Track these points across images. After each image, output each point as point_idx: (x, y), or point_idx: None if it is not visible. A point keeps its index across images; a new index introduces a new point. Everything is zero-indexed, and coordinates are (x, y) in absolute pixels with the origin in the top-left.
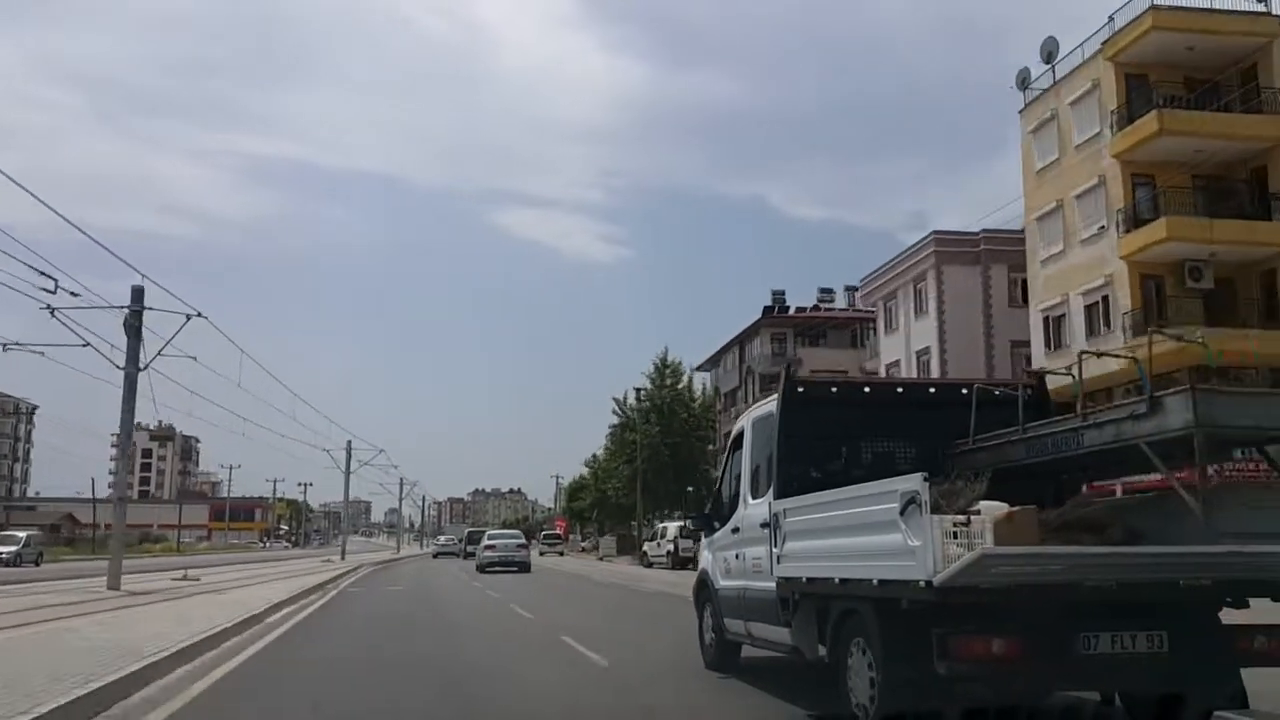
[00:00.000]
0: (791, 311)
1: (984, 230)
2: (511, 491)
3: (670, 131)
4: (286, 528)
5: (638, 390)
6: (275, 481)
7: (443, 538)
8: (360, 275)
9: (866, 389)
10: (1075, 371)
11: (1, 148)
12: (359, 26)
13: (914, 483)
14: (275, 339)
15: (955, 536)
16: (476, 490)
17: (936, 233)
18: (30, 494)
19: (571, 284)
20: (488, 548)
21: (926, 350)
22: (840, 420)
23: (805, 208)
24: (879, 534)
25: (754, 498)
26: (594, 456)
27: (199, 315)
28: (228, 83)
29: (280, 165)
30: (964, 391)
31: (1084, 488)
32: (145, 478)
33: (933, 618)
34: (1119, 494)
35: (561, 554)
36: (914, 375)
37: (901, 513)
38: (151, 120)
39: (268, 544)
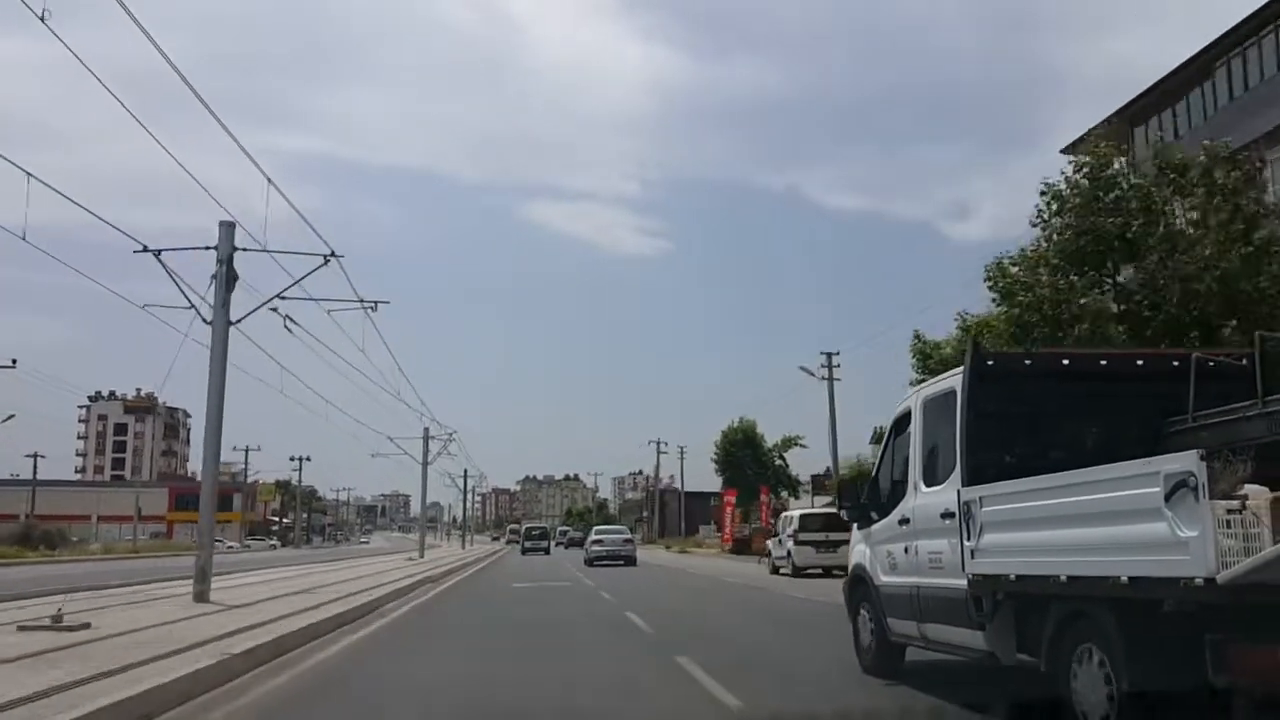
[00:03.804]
0: None
1: None
2: (567, 478)
3: (706, 121)
4: (285, 520)
5: None
6: (248, 450)
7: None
8: (395, 270)
9: (1065, 360)
10: None
11: (50, 149)
12: (392, 22)
13: (1188, 462)
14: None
15: (1228, 525)
16: (526, 478)
17: None
18: None
19: (610, 277)
20: (595, 543)
21: None
22: (1035, 397)
23: (842, 197)
24: (1131, 523)
25: (928, 486)
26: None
27: None
28: (265, 81)
29: (316, 162)
30: (1176, 364)
31: None
32: (119, 459)
33: (1208, 622)
34: None
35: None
36: None
37: (1168, 498)
38: (193, 119)
39: (239, 543)
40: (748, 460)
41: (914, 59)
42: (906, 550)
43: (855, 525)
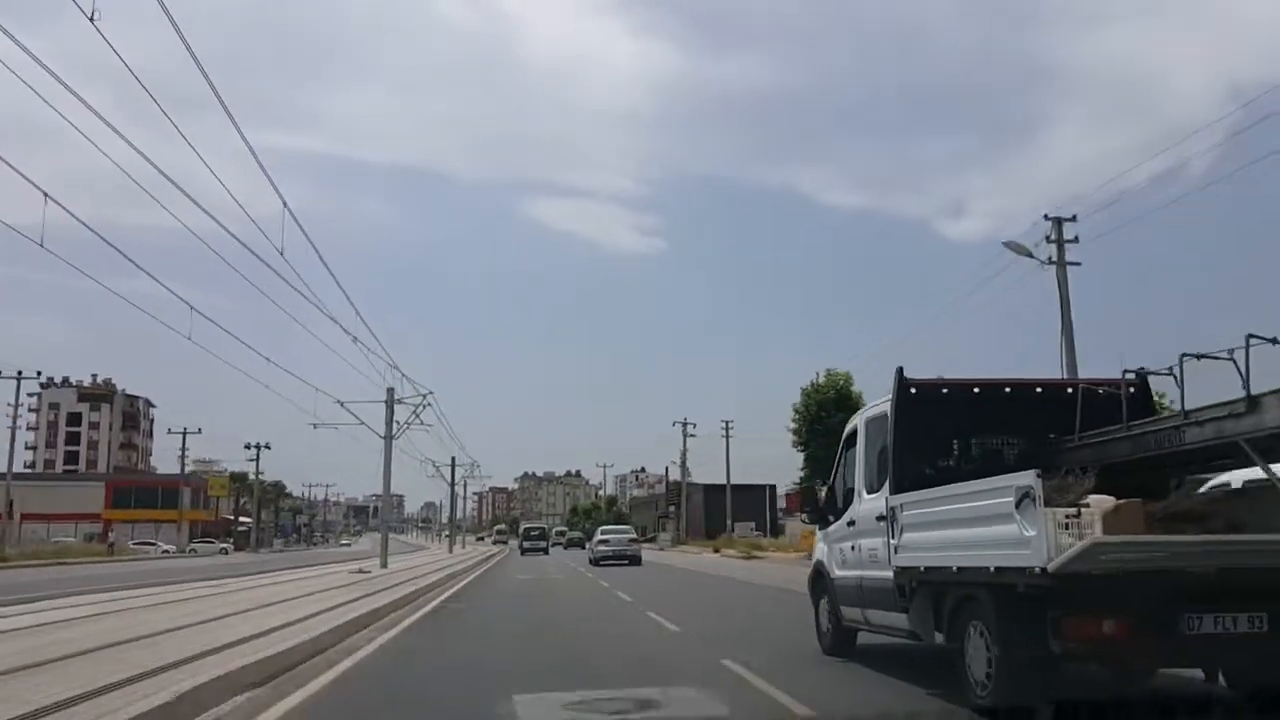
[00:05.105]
0: None
1: None
2: (568, 474)
3: (703, 118)
4: (248, 522)
5: None
6: (185, 433)
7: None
8: (393, 268)
9: (975, 389)
10: (1177, 371)
11: (38, 148)
12: (388, 20)
13: (1028, 478)
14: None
15: (1067, 527)
16: (525, 474)
17: None
18: None
19: (608, 274)
20: (601, 542)
21: None
22: (951, 418)
23: (839, 194)
24: (995, 525)
25: (869, 493)
26: None
27: None
28: (260, 79)
29: (314, 160)
30: (1069, 390)
31: (1183, 482)
32: (72, 451)
33: (1047, 601)
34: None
35: None
36: None
37: (1017, 506)
38: (182, 117)
39: (178, 547)
40: (840, 426)
41: (910, 54)
42: (853, 548)
43: (817, 527)
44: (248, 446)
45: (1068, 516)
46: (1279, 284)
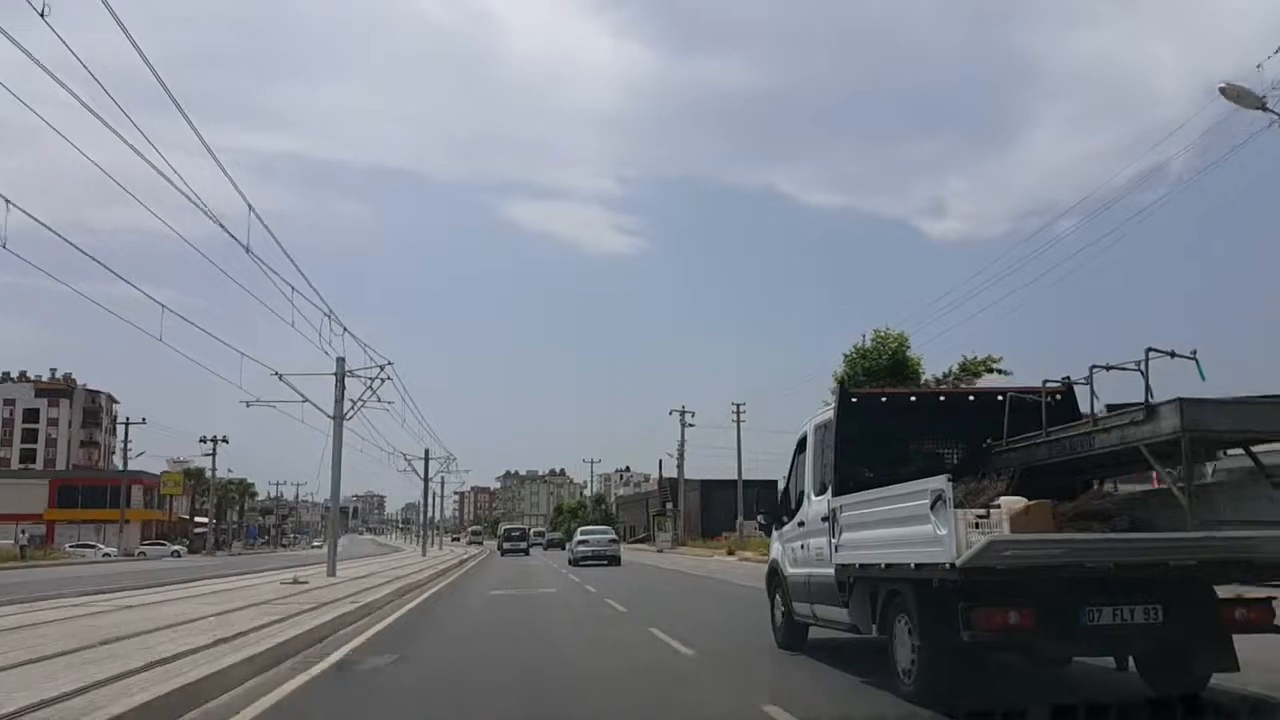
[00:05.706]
0: None
1: None
2: (552, 473)
3: (682, 119)
4: (209, 523)
5: None
6: (128, 423)
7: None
8: (372, 268)
9: (913, 398)
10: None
11: (15, 148)
12: (365, 18)
13: (940, 482)
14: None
15: (977, 526)
16: (508, 473)
17: None
18: None
19: (590, 275)
20: (581, 543)
21: None
22: (890, 426)
23: (819, 194)
24: (915, 525)
25: (816, 495)
26: None
27: None
28: (234, 79)
29: (291, 161)
30: (999, 398)
31: (1098, 483)
32: (29, 450)
33: (958, 594)
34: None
35: None
36: None
37: (931, 507)
38: (157, 117)
39: (120, 549)
40: None
41: (891, 55)
42: (803, 547)
43: (772, 527)
44: (203, 440)
45: (978, 517)
46: None
